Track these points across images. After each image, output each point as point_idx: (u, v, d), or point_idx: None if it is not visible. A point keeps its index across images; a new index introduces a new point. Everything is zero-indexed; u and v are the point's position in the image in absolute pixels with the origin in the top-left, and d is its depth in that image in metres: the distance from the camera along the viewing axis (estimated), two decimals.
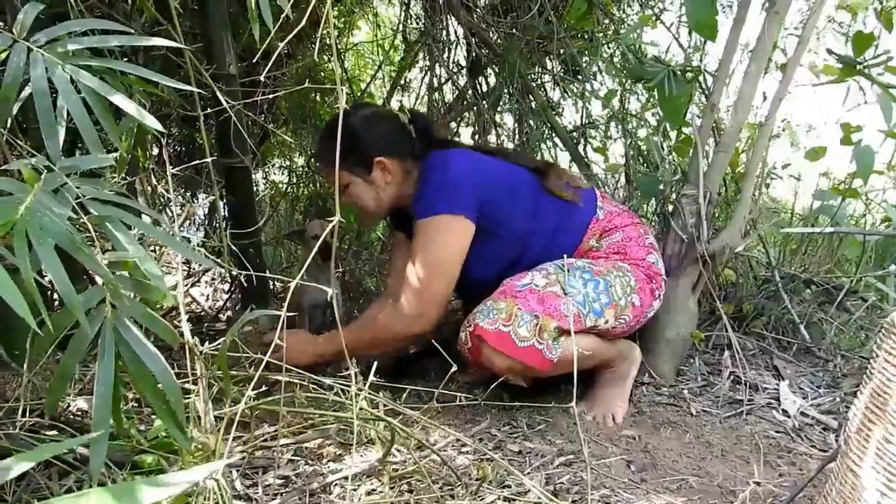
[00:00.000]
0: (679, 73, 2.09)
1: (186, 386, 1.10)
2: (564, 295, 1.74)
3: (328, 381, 1.23)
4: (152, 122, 0.98)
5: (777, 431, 1.89)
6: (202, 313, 2.89)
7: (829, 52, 2.01)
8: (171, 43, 1.06)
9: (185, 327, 1.08)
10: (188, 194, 3.53)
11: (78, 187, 0.91)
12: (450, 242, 1.85)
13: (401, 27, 3.22)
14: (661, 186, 2.35)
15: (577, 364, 1.61)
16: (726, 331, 2.27)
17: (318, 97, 3.36)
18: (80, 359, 0.85)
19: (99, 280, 0.89)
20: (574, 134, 3.00)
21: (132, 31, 1.56)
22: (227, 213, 2.49)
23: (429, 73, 3.12)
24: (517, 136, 3.11)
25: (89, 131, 0.95)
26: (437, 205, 1.84)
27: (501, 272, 1.91)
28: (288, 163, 3.78)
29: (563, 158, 3.07)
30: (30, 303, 0.75)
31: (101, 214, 0.90)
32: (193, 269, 3.08)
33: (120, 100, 0.97)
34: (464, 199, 1.85)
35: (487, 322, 1.69)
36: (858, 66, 2.03)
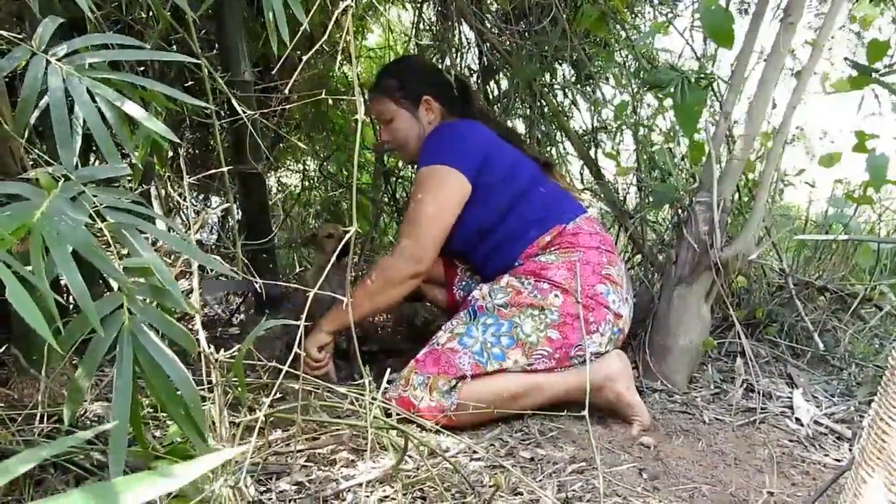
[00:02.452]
0: (693, 80, 2.08)
1: (202, 393, 1.11)
2: (461, 348, 1.85)
3: (342, 389, 1.23)
4: (165, 132, 0.99)
5: (790, 440, 1.88)
6: (216, 317, 2.91)
7: (847, 60, 2.00)
8: (186, 58, 1.07)
9: (202, 335, 1.09)
10: (202, 198, 3.55)
11: (95, 196, 0.92)
12: (444, 191, 1.95)
13: (413, 31, 3.23)
14: (675, 194, 2.34)
15: (525, 404, 1.82)
16: (739, 338, 2.27)
17: (330, 101, 3.37)
18: (96, 367, 0.85)
19: (115, 286, 0.90)
20: (585, 138, 3.00)
21: (147, 44, 1.58)
22: (240, 218, 2.51)
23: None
24: (528, 140, 3.11)
25: (105, 142, 0.96)
26: (438, 155, 1.97)
27: (473, 242, 2.04)
28: (301, 167, 3.78)
29: (575, 164, 3.07)
30: (45, 309, 0.76)
31: (117, 222, 0.90)
32: (208, 273, 3.09)
33: (133, 108, 0.98)
34: (466, 156, 1.96)
35: (392, 390, 1.85)
36: (874, 75, 2.02)
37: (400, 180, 3.32)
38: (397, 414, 1.32)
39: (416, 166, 2.06)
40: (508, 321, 1.87)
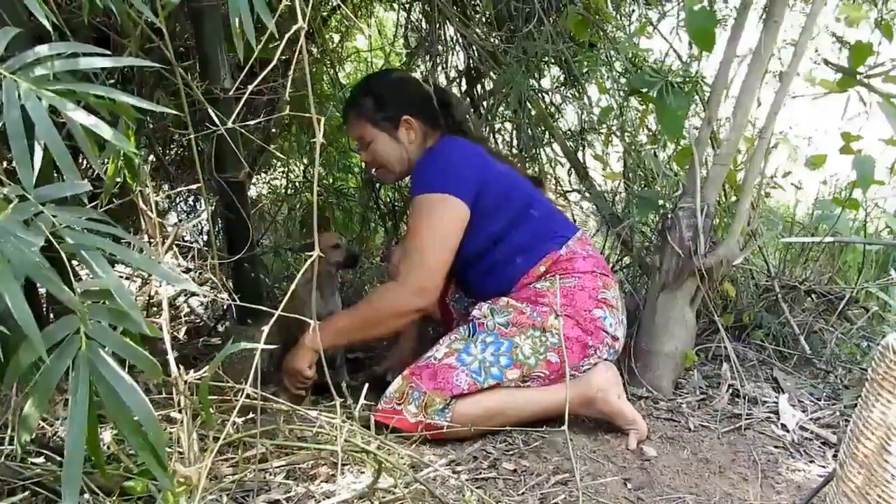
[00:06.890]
0: (677, 84, 2.05)
1: (172, 414, 1.09)
2: (459, 365, 1.82)
3: (314, 412, 1.21)
4: (125, 143, 0.97)
5: (776, 447, 1.87)
6: (201, 324, 2.88)
7: (827, 62, 1.99)
8: (153, 64, 1.04)
9: (171, 356, 1.06)
10: (190, 200, 3.52)
11: (54, 216, 0.90)
12: (444, 218, 1.89)
13: (401, 32, 3.20)
14: (660, 201, 2.33)
15: (515, 418, 1.80)
16: (724, 343, 2.25)
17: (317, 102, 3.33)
18: (49, 395, 0.83)
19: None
20: (573, 139, 2.98)
21: (125, 52, 1.55)
22: (222, 226, 2.48)
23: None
24: (516, 143, 3.09)
25: (63, 157, 0.93)
26: (434, 182, 1.90)
27: (463, 268, 1.99)
28: (287, 171, 3.75)
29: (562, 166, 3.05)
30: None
31: (76, 243, 0.88)
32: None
33: (84, 118, 0.95)
34: (463, 182, 1.90)
35: (384, 402, 1.82)
36: (858, 77, 2.01)
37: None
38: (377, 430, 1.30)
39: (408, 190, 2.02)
40: (509, 341, 1.85)
